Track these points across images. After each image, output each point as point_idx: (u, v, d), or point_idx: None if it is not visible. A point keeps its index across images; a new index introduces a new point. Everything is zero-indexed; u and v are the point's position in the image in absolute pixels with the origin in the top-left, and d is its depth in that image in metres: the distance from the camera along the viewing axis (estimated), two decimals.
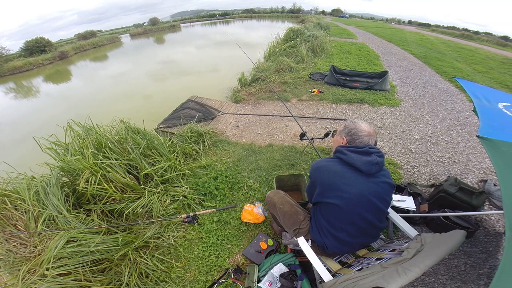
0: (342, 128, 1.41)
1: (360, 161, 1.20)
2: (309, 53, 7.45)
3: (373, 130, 1.35)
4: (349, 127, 1.36)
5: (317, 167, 1.32)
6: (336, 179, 1.23)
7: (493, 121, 1.45)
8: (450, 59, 8.52)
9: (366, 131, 1.31)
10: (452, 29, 33.60)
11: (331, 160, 1.31)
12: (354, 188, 1.19)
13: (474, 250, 1.90)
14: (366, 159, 1.20)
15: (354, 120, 1.40)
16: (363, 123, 1.37)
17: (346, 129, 1.37)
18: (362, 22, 30.03)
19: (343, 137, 1.37)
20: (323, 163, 1.31)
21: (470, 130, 3.61)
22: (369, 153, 1.23)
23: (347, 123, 1.41)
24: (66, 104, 8.44)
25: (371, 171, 1.20)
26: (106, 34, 37.86)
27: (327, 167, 1.27)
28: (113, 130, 2.88)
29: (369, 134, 1.31)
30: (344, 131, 1.38)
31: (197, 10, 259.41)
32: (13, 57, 20.99)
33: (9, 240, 1.93)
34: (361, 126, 1.33)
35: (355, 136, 1.31)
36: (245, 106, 4.65)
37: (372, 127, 1.36)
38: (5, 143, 5.79)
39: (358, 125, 1.35)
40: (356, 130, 1.32)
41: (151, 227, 2.16)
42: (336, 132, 1.47)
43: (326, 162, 1.31)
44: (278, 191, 1.71)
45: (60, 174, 2.38)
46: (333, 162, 1.29)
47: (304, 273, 1.56)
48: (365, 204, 1.20)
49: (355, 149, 1.26)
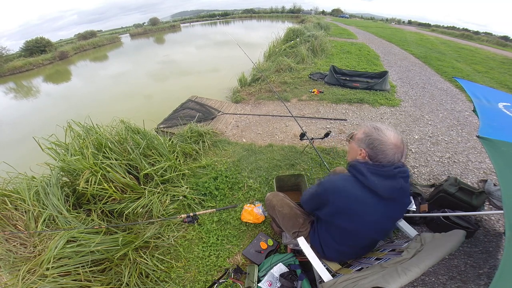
0: (362, 136, 1.11)
1: (383, 187, 1.01)
2: (309, 53, 7.45)
3: (401, 139, 1.05)
4: (371, 137, 1.07)
5: (333, 189, 1.11)
6: (353, 205, 1.07)
7: (493, 121, 1.45)
8: (450, 59, 8.52)
9: (393, 143, 1.02)
10: (452, 29, 33.61)
11: (348, 181, 1.08)
12: (371, 216, 1.07)
13: (474, 250, 1.90)
14: (389, 184, 1.01)
15: (378, 126, 1.08)
16: (389, 130, 1.05)
17: (367, 139, 1.08)
18: (362, 22, 30.04)
19: (363, 149, 1.09)
20: (340, 185, 1.09)
21: (470, 130, 3.61)
22: (394, 176, 1.02)
23: (369, 129, 1.10)
24: (66, 104, 8.44)
25: (392, 196, 1.04)
26: (106, 34, 37.89)
27: (345, 191, 1.07)
28: (113, 130, 2.88)
29: (396, 147, 1.02)
30: (364, 141, 1.09)
31: (197, 10, 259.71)
32: (13, 57, 21.01)
33: (9, 240, 1.93)
34: (387, 137, 1.03)
35: (378, 150, 1.04)
36: (245, 106, 4.65)
37: (400, 135, 1.06)
38: (5, 143, 5.80)
39: (383, 134, 1.04)
40: (380, 142, 1.04)
41: (151, 227, 2.16)
42: (353, 137, 1.18)
43: (343, 182, 1.09)
44: (277, 193, 1.69)
45: (60, 174, 2.38)
46: (351, 184, 1.07)
47: (304, 273, 1.56)
48: (379, 229, 1.13)
49: (377, 170, 1.03)
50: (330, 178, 1.16)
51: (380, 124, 1.11)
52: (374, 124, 1.11)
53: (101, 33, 40.66)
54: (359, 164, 1.07)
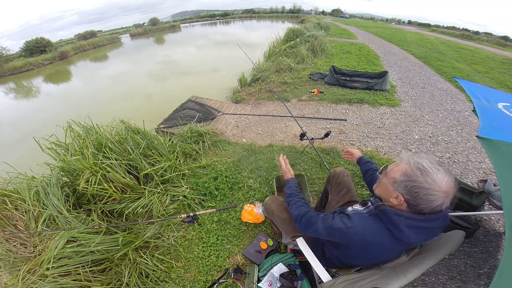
0: (401, 178, 0.86)
1: (418, 239, 0.90)
2: (309, 53, 7.45)
3: (454, 183, 0.81)
4: (415, 184, 0.82)
5: (359, 242, 0.96)
6: (376, 255, 0.99)
7: (493, 121, 1.45)
8: (450, 59, 8.52)
9: (444, 191, 0.80)
10: (452, 29, 33.63)
11: (379, 234, 0.92)
12: (388, 258, 1.00)
13: (474, 250, 1.90)
14: (424, 237, 0.91)
15: (424, 166, 0.82)
16: (440, 173, 0.80)
17: (409, 185, 0.84)
18: (362, 22, 30.04)
19: (400, 194, 0.87)
20: (370, 241, 0.93)
21: (470, 130, 3.61)
22: (434, 229, 0.89)
23: (411, 169, 0.84)
24: (66, 104, 8.44)
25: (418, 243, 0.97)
26: (106, 34, 37.93)
27: (374, 246, 0.95)
28: (113, 130, 2.88)
29: (446, 195, 0.80)
30: (403, 186, 0.86)
31: (197, 10, 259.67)
32: (13, 57, 21.04)
33: (9, 240, 1.93)
34: (436, 183, 0.79)
35: (421, 200, 0.82)
36: (245, 106, 4.65)
37: (452, 175, 0.82)
38: (5, 143, 5.80)
39: (431, 180, 0.80)
40: (426, 191, 0.80)
41: (151, 227, 2.16)
42: (387, 174, 0.95)
43: (373, 238, 0.93)
44: (276, 197, 1.68)
45: (60, 174, 2.39)
46: (382, 237, 0.92)
47: (304, 273, 1.56)
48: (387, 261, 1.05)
49: (418, 224, 0.86)
50: (356, 230, 0.94)
51: (425, 159, 0.84)
52: (418, 162, 0.84)
53: (101, 33, 40.69)
54: (395, 217, 0.88)
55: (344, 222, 0.99)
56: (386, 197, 0.97)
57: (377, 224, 0.93)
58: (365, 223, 0.95)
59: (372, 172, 1.43)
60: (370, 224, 0.95)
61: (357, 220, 0.97)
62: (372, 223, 0.95)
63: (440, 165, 0.84)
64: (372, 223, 0.95)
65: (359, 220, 0.97)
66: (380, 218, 0.94)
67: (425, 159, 0.85)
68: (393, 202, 0.91)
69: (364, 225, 0.95)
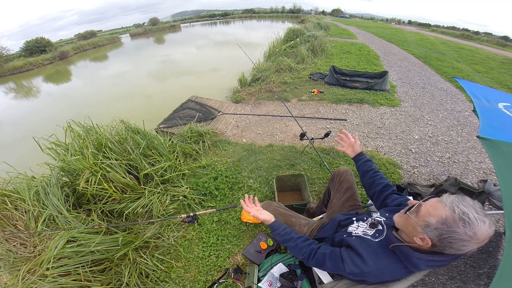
0: (437, 225, 0.77)
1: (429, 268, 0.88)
2: (309, 53, 7.45)
3: (491, 234, 0.73)
4: (453, 235, 0.74)
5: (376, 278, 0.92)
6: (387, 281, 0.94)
7: (493, 121, 1.45)
8: (450, 59, 8.52)
9: (480, 241, 0.73)
10: (452, 29, 33.62)
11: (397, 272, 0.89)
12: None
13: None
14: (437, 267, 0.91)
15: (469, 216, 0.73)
16: (485, 224, 0.72)
17: (444, 234, 0.76)
18: (362, 22, 30.03)
19: (428, 237, 0.80)
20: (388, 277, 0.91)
21: (470, 130, 3.61)
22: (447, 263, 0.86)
23: (452, 217, 0.75)
24: (66, 104, 8.44)
25: None
26: (106, 34, 37.92)
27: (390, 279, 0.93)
28: (113, 130, 2.88)
29: (479, 244, 0.74)
30: (437, 234, 0.78)
31: (197, 10, 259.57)
32: (13, 57, 21.03)
33: (9, 240, 1.93)
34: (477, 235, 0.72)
35: (452, 248, 0.77)
36: (245, 106, 4.65)
37: (494, 227, 0.74)
38: (5, 143, 5.80)
39: (472, 231, 0.72)
40: (462, 242, 0.74)
41: (151, 227, 2.16)
42: (419, 213, 0.84)
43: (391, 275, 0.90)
44: (270, 203, 1.58)
45: (60, 174, 2.39)
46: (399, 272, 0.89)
47: (304, 273, 1.56)
48: None
49: (437, 264, 0.84)
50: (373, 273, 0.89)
51: (472, 209, 0.74)
52: (464, 212, 0.74)
53: (101, 33, 40.71)
54: (415, 259, 0.83)
55: (357, 265, 0.91)
56: (407, 232, 0.88)
57: (394, 265, 0.88)
58: (382, 266, 0.89)
59: (373, 175, 1.31)
60: (388, 265, 0.89)
61: (371, 262, 0.89)
62: (389, 263, 0.88)
63: (486, 215, 0.74)
64: (389, 263, 0.88)
65: (373, 261, 0.89)
66: (398, 257, 0.88)
67: (471, 208, 0.75)
68: (417, 242, 0.83)
69: (381, 268, 0.88)
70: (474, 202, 0.77)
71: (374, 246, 0.94)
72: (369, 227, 1.05)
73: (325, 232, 1.27)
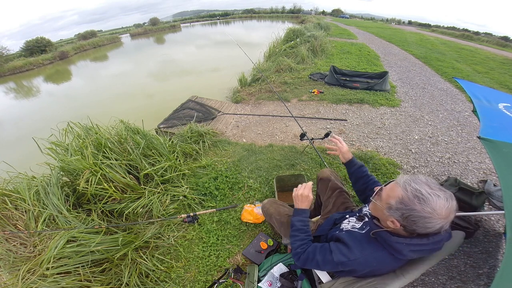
0: (398, 206, 0.81)
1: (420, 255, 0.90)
2: (309, 53, 7.45)
3: (454, 207, 0.76)
4: (413, 213, 0.77)
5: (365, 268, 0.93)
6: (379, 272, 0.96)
7: (494, 122, 1.45)
8: (450, 59, 8.52)
9: (443, 218, 0.75)
10: (452, 30, 33.64)
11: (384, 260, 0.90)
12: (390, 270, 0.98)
13: (474, 250, 1.90)
14: (428, 254, 0.89)
15: (422, 192, 0.76)
16: (440, 199, 0.75)
17: (406, 213, 0.79)
18: (362, 23, 30.03)
19: (395, 220, 0.83)
20: (375, 267, 0.92)
21: (470, 130, 3.61)
22: (436, 248, 0.85)
23: (408, 196, 0.79)
24: (66, 104, 8.45)
25: None
26: (107, 34, 37.90)
27: (380, 269, 0.94)
28: (113, 130, 2.88)
29: (445, 220, 0.76)
30: (399, 214, 0.81)
31: (197, 10, 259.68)
32: (13, 57, 21.01)
33: (9, 239, 1.93)
34: (436, 211, 0.74)
35: (419, 227, 0.79)
36: (245, 106, 4.65)
37: (453, 199, 0.77)
38: (5, 143, 5.80)
39: (430, 208, 0.74)
40: (424, 220, 0.76)
41: (151, 227, 2.16)
42: (381, 197, 0.90)
43: (378, 265, 0.91)
44: (274, 201, 1.62)
45: (60, 174, 2.39)
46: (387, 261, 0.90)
47: (304, 273, 1.56)
48: None
49: (421, 248, 0.84)
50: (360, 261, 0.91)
51: (423, 184, 0.78)
52: (416, 189, 0.77)
53: (101, 33, 40.69)
54: (397, 245, 0.85)
55: (344, 254, 0.94)
56: (380, 218, 0.94)
57: (379, 252, 0.90)
58: (367, 253, 0.91)
59: (367, 180, 1.30)
60: (372, 253, 0.91)
61: (357, 250, 0.93)
62: (374, 251, 0.91)
63: (441, 189, 0.78)
64: (374, 251, 0.91)
65: (359, 250, 0.93)
66: (381, 244, 0.90)
67: (423, 184, 0.78)
68: (390, 225, 0.88)
69: (367, 256, 0.91)
70: (428, 178, 0.81)
71: (360, 236, 0.97)
72: (357, 221, 1.08)
73: (322, 231, 1.29)
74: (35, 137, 2.37)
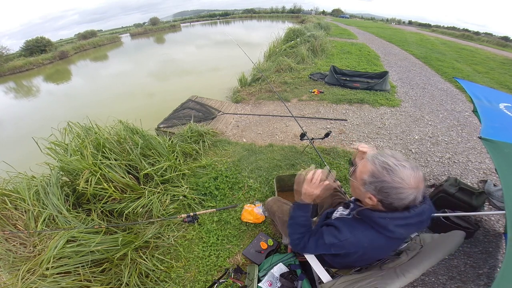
0: (370, 179, 0.85)
1: (409, 233, 0.92)
2: (309, 53, 7.44)
3: (421, 177, 0.81)
4: (383, 184, 0.81)
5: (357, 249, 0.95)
6: (375, 256, 1.01)
7: (495, 122, 1.45)
8: (451, 59, 8.51)
9: (412, 187, 0.79)
10: (453, 30, 33.62)
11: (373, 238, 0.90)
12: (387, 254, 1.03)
13: (474, 251, 1.90)
14: (415, 229, 0.90)
15: (389, 164, 0.81)
16: (406, 169, 0.79)
17: (377, 185, 0.83)
18: (363, 23, 30.00)
19: (372, 195, 0.87)
20: (367, 246, 0.92)
21: (470, 130, 3.61)
22: (422, 222, 0.87)
23: (377, 169, 0.83)
24: (66, 104, 8.44)
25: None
26: (107, 34, 37.83)
27: (372, 249, 0.94)
28: (112, 130, 2.87)
29: (416, 190, 0.80)
30: (372, 187, 0.85)
31: (198, 10, 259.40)
32: (13, 57, 20.97)
33: (9, 239, 1.93)
34: (404, 180, 0.79)
35: (393, 198, 0.82)
36: (245, 106, 4.65)
37: (419, 170, 0.81)
38: (5, 142, 5.79)
39: (399, 178, 0.79)
40: (395, 190, 0.80)
41: (151, 227, 2.16)
42: (356, 175, 0.94)
43: (369, 243, 0.92)
44: (278, 199, 1.67)
45: (60, 174, 2.38)
46: (377, 239, 0.90)
47: (304, 273, 1.56)
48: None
49: (406, 222, 0.84)
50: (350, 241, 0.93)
51: (390, 157, 0.83)
52: (384, 161, 0.82)
53: (101, 33, 40.59)
54: (381, 220, 0.86)
55: (335, 236, 0.95)
56: (361, 198, 0.95)
57: (368, 231, 0.91)
58: (356, 232, 0.93)
59: None
60: (361, 231, 0.92)
61: (347, 231, 0.94)
62: (363, 230, 0.92)
63: (407, 160, 0.83)
64: (363, 230, 0.92)
65: (349, 230, 0.94)
66: (368, 223, 0.91)
67: (390, 156, 0.83)
68: (369, 202, 0.90)
69: (356, 234, 0.92)
70: (393, 152, 0.87)
71: (348, 220, 1.00)
72: (344, 208, 1.11)
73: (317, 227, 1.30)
74: (35, 137, 2.37)
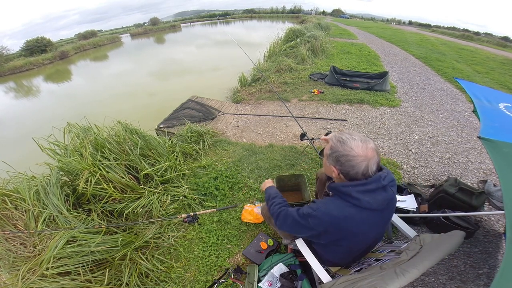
0: (329, 152, 1.02)
1: (377, 202, 0.97)
2: (310, 53, 7.45)
3: (371, 148, 0.95)
4: (337, 152, 0.98)
5: (330, 221, 1.00)
6: (352, 229, 1.01)
7: (494, 122, 1.45)
8: (451, 59, 8.51)
9: (361, 155, 0.93)
10: (453, 30, 33.63)
11: (343, 208, 0.98)
12: (370, 231, 1.06)
13: (474, 251, 1.90)
14: (382, 198, 0.97)
15: (342, 137, 0.98)
16: (354, 140, 0.95)
17: (334, 156, 0.99)
18: (363, 23, 30.00)
19: (334, 168, 1.01)
20: (339, 215, 0.98)
21: (470, 130, 3.61)
22: (384, 188, 0.97)
23: (334, 142, 1.00)
24: (66, 104, 8.45)
25: (387, 206, 1.02)
26: (107, 34, 37.82)
27: (344, 219, 0.99)
28: (111, 130, 2.87)
29: (366, 159, 0.93)
30: (331, 158, 1.01)
31: (198, 10, 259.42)
32: (14, 57, 20.98)
33: (9, 239, 1.93)
34: (353, 149, 0.94)
35: (347, 166, 0.96)
36: (245, 106, 4.65)
37: (370, 142, 0.96)
38: (5, 142, 5.80)
39: (348, 147, 0.95)
40: (346, 157, 0.95)
41: (151, 227, 2.16)
42: (323, 153, 1.10)
43: (339, 212, 0.99)
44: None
45: (60, 174, 2.38)
46: (347, 209, 0.98)
47: (304, 273, 1.56)
48: (377, 237, 1.18)
49: (366, 188, 0.95)
50: (322, 210, 1.02)
51: (346, 133, 0.99)
52: (339, 136, 1.00)
53: (101, 33, 40.60)
54: (343, 188, 0.98)
55: (310, 207, 1.07)
56: (330, 174, 1.08)
57: (337, 201, 1.01)
58: (327, 202, 1.05)
59: None
60: (330, 202, 1.04)
61: (320, 202, 1.07)
62: (332, 200, 1.04)
63: (359, 135, 0.98)
64: (332, 200, 1.04)
65: (321, 202, 1.07)
66: (335, 195, 1.04)
67: (345, 133, 1.00)
68: (334, 175, 1.05)
69: (327, 204, 1.04)
70: (351, 131, 1.03)
71: (324, 198, 1.13)
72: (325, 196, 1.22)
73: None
74: (35, 137, 2.37)
